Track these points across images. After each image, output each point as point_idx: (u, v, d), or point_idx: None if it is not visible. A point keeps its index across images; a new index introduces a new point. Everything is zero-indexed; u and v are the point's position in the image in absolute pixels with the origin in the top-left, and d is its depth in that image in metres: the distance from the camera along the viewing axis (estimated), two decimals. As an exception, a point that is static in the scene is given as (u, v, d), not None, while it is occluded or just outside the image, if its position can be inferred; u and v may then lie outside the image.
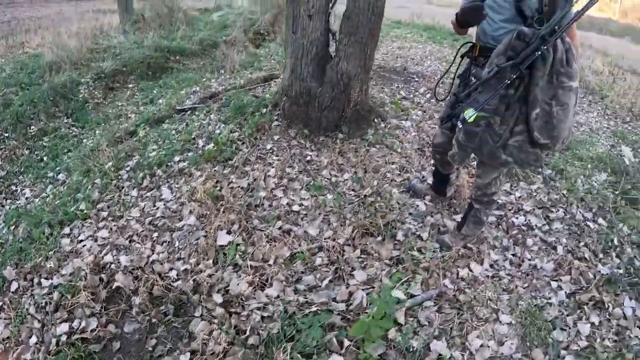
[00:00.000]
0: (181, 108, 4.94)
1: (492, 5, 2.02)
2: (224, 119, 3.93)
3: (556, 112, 1.82)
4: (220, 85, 5.90)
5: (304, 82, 3.41)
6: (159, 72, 7.90)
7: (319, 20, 3.28)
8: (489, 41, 2.07)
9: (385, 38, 8.48)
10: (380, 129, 3.70)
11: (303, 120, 3.50)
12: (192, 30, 10.23)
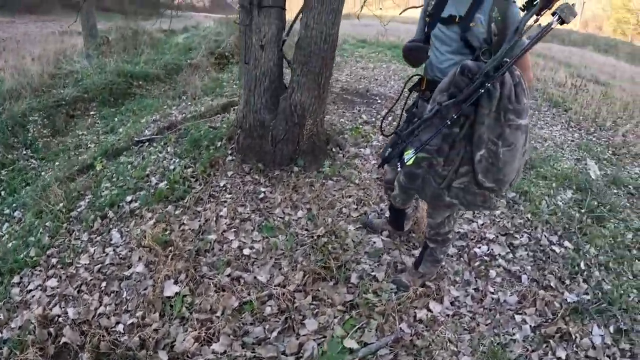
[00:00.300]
0: (139, 140, 4.82)
1: (438, 35, 1.97)
2: (179, 152, 3.82)
3: (502, 154, 1.69)
4: (181, 114, 5.79)
5: (257, 115, 3.29)
6: (121, 99, 7.78)
7: (271, 50, 3.19)
8: (436, 74, 2.00)
9: (350, 58, 8.50)
10: (338, 159, 3.60)
11: (257, 154, 3.37)
12: (157, 54, 10.12)
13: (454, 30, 1.91)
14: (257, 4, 3.12)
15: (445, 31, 1.94)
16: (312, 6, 2.96)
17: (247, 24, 3.24)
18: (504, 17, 1.79)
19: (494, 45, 1.81)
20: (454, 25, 1.90)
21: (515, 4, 1.80)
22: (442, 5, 1.96)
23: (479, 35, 1.83)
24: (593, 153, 5.32)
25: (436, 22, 1.97)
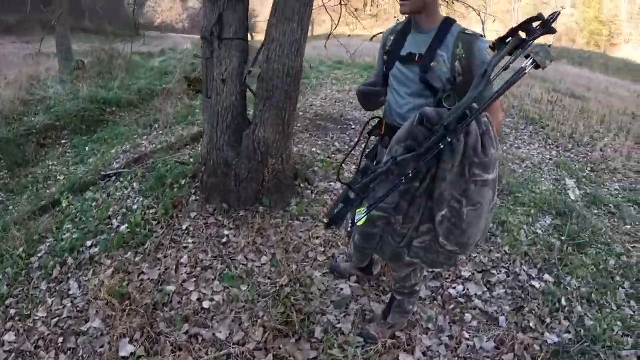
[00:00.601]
0: (106, 174, 4.67)
1: (397, 75, 1.81)
2: (144, 190, 3.68)
3: (466, 214, 1.47)
4: (151, 144, 5.68)
5: (220, 152, 3.14)
6: (94, 126, 7.66)
7: (233, 84, 3.06)
8: (395, 119, 1.83)
9: (326, 80, 8.44)
10: (306, 196, 3.45)
11: (222, 193, 3.21)
12: (132, 78, 10.02)
13: (413, 70, 1.73)
14: (217, 36, 3.00)
15: (404, 71, 1.77)
16: (274, 38, 2.85)
17: (208, 57, 3.10)
18: (469, 54, 1.62)
19: (458, 86, 1.63)
20: (414, 65, 1.73)
21: (483, 39, 1.64)
22: (401, 42, 1.80)
23: (441, 75, 1.65)
24: (571, 171, 5.29)
25: (395, 60, 1.81)
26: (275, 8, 2.85)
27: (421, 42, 1.72)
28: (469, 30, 1.67)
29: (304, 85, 7.64)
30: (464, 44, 1.63)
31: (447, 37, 1.66)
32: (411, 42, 1.77)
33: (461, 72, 1.64)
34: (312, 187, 3.55)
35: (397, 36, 1.83)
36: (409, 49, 1.76)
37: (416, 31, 1.76)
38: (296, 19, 2.81)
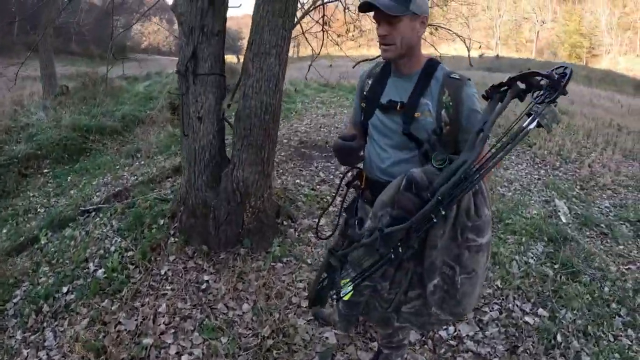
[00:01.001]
0: (85, 209, 4.52)
1: (377, 125, 1.62)
2: (123, 229, 3.53)
3: (461, 282, 1.33)
4: (133, 175, 5.54)
5: (199, 192, 3.02)
6: (76, 155, 7.50)
7: (210, 122, 2.95)
8: (376, 174, 1.64)
9: (311, 104, 8.38)
10: (289, 235, 3.32)
11: (201, 234, 3.07)
12: (116, 104, 9.89)
13: (395, 120, 1.55)
14: (192, 72, 2.90)
15: (385, 121, 1.58)
16: (250, 73, 2.76)
17: (184, 93, 3.00)
18: (457, 102, 1.46)
19: (445, 136, 1.47)
20: (395, 114, 1.55)
21: (471, 84, 1.49)
22: (380, 87, 1.63)
23: (426, 126, 1.48)
24: (561, 191, 5.24)
25: (374, 108, 1.62)
26: (252, 42, 2.76)
27: (403, 89, 1.56)
28: (455, 74, 1.51)
29: (289, 110, 7.58)
30: (451, 90, 1.48)
31: (432, 83, 1.51)
32: (391, 88, 1.60)
33: (448, 121, 1.48)
34: (295, 224, 3.43)
35: (375, 80, 1.66)
36: (389, 96, 1.59)
37: (396, 75, 1.60)
38: (273, 53, 2.73)
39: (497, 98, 1.25)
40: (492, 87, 1.29)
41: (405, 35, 1.45)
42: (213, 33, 2.88)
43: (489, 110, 1.26)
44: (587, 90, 20.08)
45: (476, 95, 1.49)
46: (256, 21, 2.72)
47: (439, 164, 1.31)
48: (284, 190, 3.86)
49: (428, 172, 1.30)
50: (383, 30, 1.46)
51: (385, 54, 1.50)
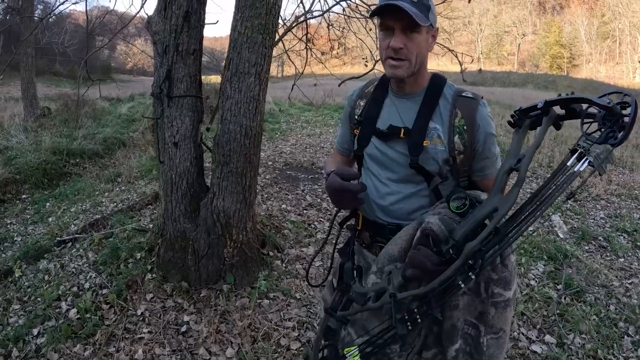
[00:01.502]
0: (61, 239, 4.27)
1: (375, 155, 1.36)
2: (99, 262, 3.30)
3: (487, 344, 1.11)
4: (112, 202, 5.34)
5: (177, 224, 2.78)
6: (56, 179, 7.31)
7: (186, 147, 2.73)
8: (376, 213, 1.37)
9: (296, 124, 8.24)
10: (275, 268, 3.08)
11: (181, 270, 2.82)
12: (98, 126, 9.73)
13: (398, 149, 1.30)
14: (166, 94, 2.69)
15: (385, 151, 1.32)
16: (228, 95, 2.56)
17: (158, 117, 2.79)
18: (472, 125, 1.24)
19: (458, 166, 1.26)
20: (399, 143, 1.29)
21: (485, 103, 1.28)
22: (377, 110, 1.37)
23: (436, 156, 1.24)
24: (555, 205, 5.14)
25: (370, 135, 1.36)
26: (229, 61, 2.56)
27: (405, 110, 1.31)
28: (467, 92, 1.29)
29: (274, 130, 7.43)
30: (464, 112, 1.25)
31: (440, 103, 1.28)
32: (391, 110, 1.34)
33: (462, 149, 1.25)
34: (282, 255, 3.19)
35: (369, 102, 1.40)
36: (389, 121, 1.32)
37: (397, 95, 1.35)
38: (253, 72, 2.53)
39: (526, 125, 1.01)
40: (520, 111, 1.04)
41: (421, 49, 1.23)
42: (188, 52, 2.69)
43: (518, 142, 1.01)
44: (570, 100, 20.29)
45: (491, 115, 1.29)
46: (234, 38, 2.53)
47: (458, 208, 1.07)
48: (269, 217, 3.64)
49: (446, 221, 1.06)
50: (398, 42, 1.19)
51: (396, 71, 1.23)
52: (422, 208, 1.29)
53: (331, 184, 1.23)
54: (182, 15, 2.62)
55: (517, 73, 40.33)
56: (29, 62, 9.62)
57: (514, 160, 0.96)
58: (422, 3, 1.18)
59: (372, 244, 1.39)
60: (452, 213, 1.08)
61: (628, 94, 0.87)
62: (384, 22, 1.22)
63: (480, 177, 1.31)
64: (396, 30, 1.19)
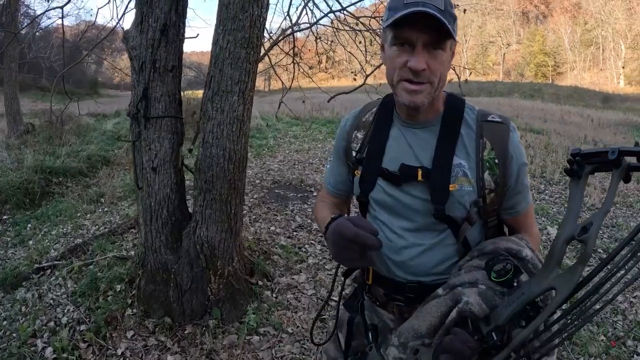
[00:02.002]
0: (40, 266, 4.07)
1: (384, 202, 1.10)
2: (78, 293, 3.10)
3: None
4: (94, 225, 5.15)
5: (158, 255, 2.57)
6: (39, 199, 7.10)
7: (166, 172, 2.53)
8: (392, 270, 1.11)
9: (283, 140, 8.10)
10: (265, 299, 2.86)
11: (163, 304, 2.60)
12: (83, 143, 9.52)
13: (415, 194, 1.05)
14: (143, 115, 2.50)
15: (398, 196, 1.07)
16: (210, 116, 2.37)
17: (135, 139, 2.59)
18: (504, 157, 1.01)
19: (488, 207, 1.04)
20: (415, 186, 1.04)
21: (515, 127, 1.06)
22: (380, 145, 1.11)
23: (463, 199, 1.02)
24: (551, 217, 5.09)
25: (374, 177, 1.11)
26: (210, 78, 2.38)
27: (421, 145, 1.06)
28: (494, 116, 1.05)
29: (261, 147, 7.28)
30: (494, 141, 1.02)
31: (463, 132, 1.04)
32: (401, 145, 1.08)
33: (494, 187, 1.02)
34: (272, 284, 2.98)
35: (371, 134, 1.14)
36: (400, 159, 1.06)
37: (407, 125, 1.09)
38: (236, 90, 2.35)
39: (587, 174, 0.76)
40: (583, 156, 0.75)
41: (445, 68, 0.98)
42: (166, 68, 2.49)
43: (579, 198, 0.77)
44: (557, 108, 20.56)
45: (521, 146, 1.06)
46: (215, 54, 2.35)
47: (500, 276, 0.86)
48: (257, 242, 3.44)
49: (487, 296, 0.86)
50: (420, 62, 0.93)
51: (416, 97, 0.97)
52: (447, 260, 1.07)
53: (341, 230, 0.96)
54: (160, 29, 2.44)
55: (503, 82, 40.91)
56: (13, 77, 9.42)
57: (577, 227, 0.71)
58: (449, 12, 0.93)
59: (388, 302, 1.15)
60: (493, 282, 0.87)
61: None
62: (402, 35, 0.95)
63: (511, 214, 1.10)
64: (417, 46, 0.94)
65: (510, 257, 0.91)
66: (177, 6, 2.50)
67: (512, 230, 1.13)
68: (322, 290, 3.04)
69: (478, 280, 0.90)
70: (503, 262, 0.86)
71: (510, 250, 0.94)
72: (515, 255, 0.93)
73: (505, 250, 0.95)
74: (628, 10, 44.14)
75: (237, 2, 2.28)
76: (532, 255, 0.94)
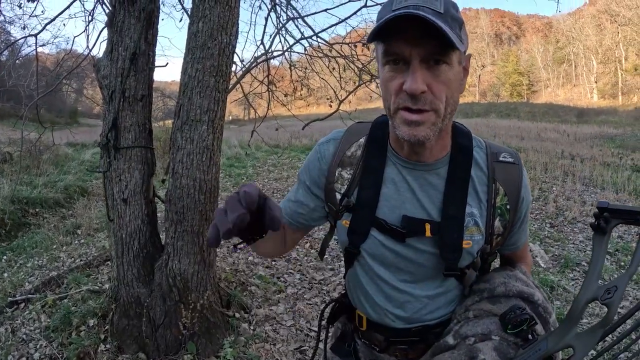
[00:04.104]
0: (14, 299, 3.96)
1: (381, 255, 0.94)
2: (51, 328, 3.00)
3: None
4: (70, 257, 5.05)
5: (130, 288, 2.49)
6: (14, 230, 6.95)
7: (137, 204, 2.47)
8: (389, 319, 0.98)
9: (262, 168, 8.11)
10: (242, 332, 2.77)
11: (137, 339, 2.50)
12: (60, 173, 9.42)
13: (421, 247, 0.91)
14: (113, 145, 2.45)
15: (399, 250, 0.92)
16: (179, 146, 2.33)
17: (105, 170, 2.54)
18: (517, 201, 0.92)
19: (492, 249, 0.95)
20: (422, 240, 0.90)
21: (523, 167, 0.94)
22: (373, 190, 0.93)
23: (473, 250, 0.90)
24: (533, 233, 5.13)
25: (367, 228, 0.93)
26: (179, 107, 2.35)
27: (425, 190, 0.91)
28: (505, 155, 0.93)
29: (240, 175, 7.26)
30: (507, 187, 0.90)
31: (474, 175, 0.91)
32: (401, 191, 0.92)
33: (502, 231, 0.93)
34: (249, 316, 2.90)
35: (359, 174, 0.95)
36: (400, 209, 0.91)
37: (408, 165, 0.92)
38: (206, 120, 2.32)
39: (611, 228, 0.72)
40: (611, 212, 0.70)
41: (453, 91, 0.80)
42: (136, 98, 2.46)
43: (602, 256, 0.71)
44: (533, 125, 20.99)
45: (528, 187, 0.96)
46: (184, 82, 2.33)
47: (515, 327, 0.79)
48: (234, 273, 3.36)
49: (503, 350, 0.79)
50: (418, 82, 0.74)
51: (417, 131, 0.79)
52: (452, 302, 0.98)
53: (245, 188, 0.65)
54: (129, 58, 2.42)
55: (480, 103, 41.91)
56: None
57: (601, 289, 0.66)
58: (451, 15, 0.75)
59: (389, 347, 1.02)
60: (507, 334, 0.81)
61: None
62: (392, 49, 0.76)
63: (512, 250, 1.02)
64: (413, 62, 0.75)
65: (523, 301, 0.86)
66: (147, 35, 2.49)
67: (507, 260, 1.06)
68: (301, 320, 2.97)
69: (492, 331, 0.82)
70: (520, 315, 0.79)
71: (522, 294, 0.87)
72: (527, 299, 0.87)
73: (517, 294, 0.87)
74: (598, 27, 45.85)
75: (205, 30, 2.28)
76: (543, 299, 0.88)
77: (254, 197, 0.62)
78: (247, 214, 0.61)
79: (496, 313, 0.85)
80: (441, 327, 0.96)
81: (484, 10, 63.90)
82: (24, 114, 4.45)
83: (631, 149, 12.36)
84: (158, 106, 11.71)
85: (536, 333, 0.80)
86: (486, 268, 1.01)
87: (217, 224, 0.61)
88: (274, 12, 4.07)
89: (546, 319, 0.84)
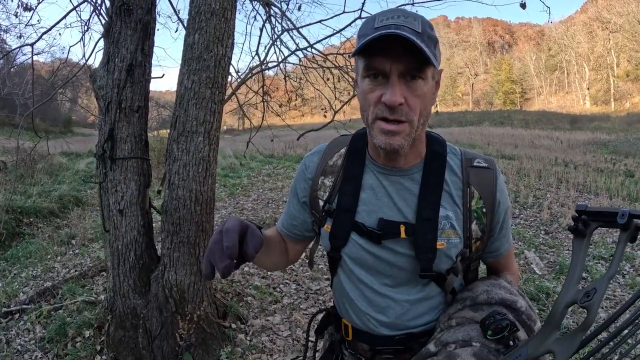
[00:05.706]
0: (8, 310, 3.93)
1: (360, 258, 0.98)
2: (46, 339, 2.99)
3: None
4: (64, 268, 5.01)
5: (126, 299, 2.49)
6: (9, 240, 6.89)
7: (132, 215, 2.48)
8: (372, 324, 1.00)
9: (257, 178, 8.11)
10: (238, 343, 2.77)
11: (133, 351, 2.50)
12: (54, 183, 9.33)
13: (398, 249, 0.94)
14: (109, 156, 2.46)
15: (377, 253, 0.96)
16: (176, 157, 2.34)
17: (101, 181, 2.54)
18: (492, 205, 0.95)
19: (472, 255, 0.98)
20: (398, 241, 0.94)
21: (499, 172, 0.98)
22: (352, 196, 0.98)
23: (450, 252, 0.93)
24: (528, 240, 5.12)
25: (347, 231, 0.98)
26: (176, 119, 2.37)
27: (402, 195, 0.95)
28: (479, 161, 0.97)
29: (235, 186, 7.26)
30: (481, 189, 0.94)
31: (448, 179, 0.95)
32: (378, 195, 0.96)
33: (480, 235, 0.96)
34: (246, 326, 2.90)
35: (340, 181, 1.00)
36: (377, 212, 0.95)
37: (385, 171, 0.97)
38: (202, 131, 2.34)
39: (591, 232, 0.73)
40: (589, 214, 0.72)
41: (426, 102, 0.87)
42: (132, 109, 2.48)
43: (582, 259, 0.72)
44: (526, 133, 21.10)
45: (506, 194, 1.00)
46: (180, 94, 2.35)
47: (496, 333, 0.80)
48: (230, 283, 3.36)
49: (482, 357, 0.80)
50: (396, 95, 0.81)
51: (393, 139, 0.85)
52: (435, 308, 1.00)
53: (227, 226, 0.79)
54: (125, 69, 2.44)
55: (473, 112, 42.21)
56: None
57: (580, 292, 0.67)
58: (427, 34, 0.82)
59: (375, 356, 1.04)
60: (488, 340, 0.82)
61: None
62: (374, 64, 0.83)
63: (495, 257, 1.04)
64: (392, 77, 0.82)
65: (505, 308, 0.86)
66: (143, 46, 2.52)
67: (492, 269, 1.08)
68: (298, 330, 2.96)
69: (472, 338, 0.83)
70: (500, 321, 0.80)
71: (505, 301, 0.87)
72: (509, 306, 0.87)
73: (500, 302, 0.88)
74: (589, 34, 46.40)
75: (201, 42, 2.30)
76: (526, 306, 0.88)
77: (235, 245, 0.77)
78: (233, 263, 0.77)
79: (478, 320, 0.85)
80: (426, 336, 0.96)
81: (477, 19, 64.66)
82: (20, 123, 4.43)
83: (624, 155, 12.46)
84: (152, 116, 11.73)
85: (518, 340, 0.80)
86: (471, 277, 1.03)
87: (210, 261, 0.78)
88: (269, 24, 4.10)
89: (530, 326, 0.85)
